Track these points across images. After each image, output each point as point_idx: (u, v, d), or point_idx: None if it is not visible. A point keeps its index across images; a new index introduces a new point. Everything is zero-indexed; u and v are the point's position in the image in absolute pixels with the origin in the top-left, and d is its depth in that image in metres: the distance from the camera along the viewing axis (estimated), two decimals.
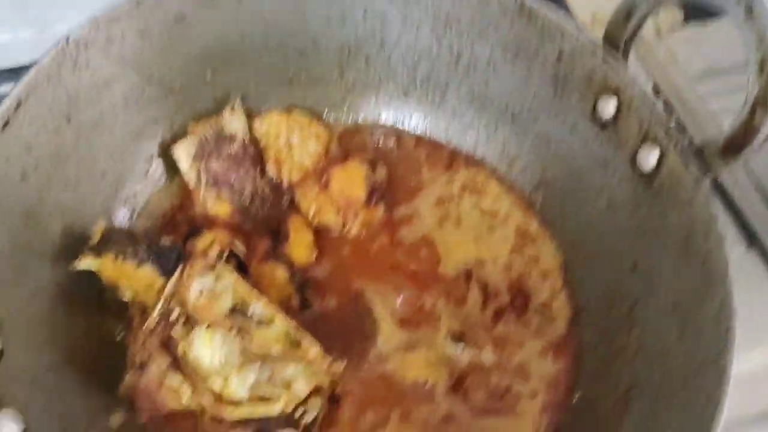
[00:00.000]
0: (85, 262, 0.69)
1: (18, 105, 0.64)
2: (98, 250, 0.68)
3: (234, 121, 0.79)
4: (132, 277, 0.69)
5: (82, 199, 0.72)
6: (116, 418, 0.68)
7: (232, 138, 0.79)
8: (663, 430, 0.60)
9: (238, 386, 0.67)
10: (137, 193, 0.78)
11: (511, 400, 0.71)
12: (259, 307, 0.66)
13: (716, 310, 0.60)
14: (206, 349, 0.67)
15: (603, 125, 0.73)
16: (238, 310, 0.65)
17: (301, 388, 0.66)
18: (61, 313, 0.68)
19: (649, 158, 0.69)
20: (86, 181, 0.73)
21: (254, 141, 0.80)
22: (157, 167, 0.79)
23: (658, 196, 0.68)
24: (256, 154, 0.80)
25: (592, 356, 0.72)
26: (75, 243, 0.70)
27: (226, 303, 0.65)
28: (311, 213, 0.77)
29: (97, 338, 0.71)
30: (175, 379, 0.66)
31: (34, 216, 0.67)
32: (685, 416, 0.58)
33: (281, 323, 0.66)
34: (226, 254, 0.68)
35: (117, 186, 0.76)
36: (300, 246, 0.76)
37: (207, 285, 0.65)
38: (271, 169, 0.81)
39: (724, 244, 0.62)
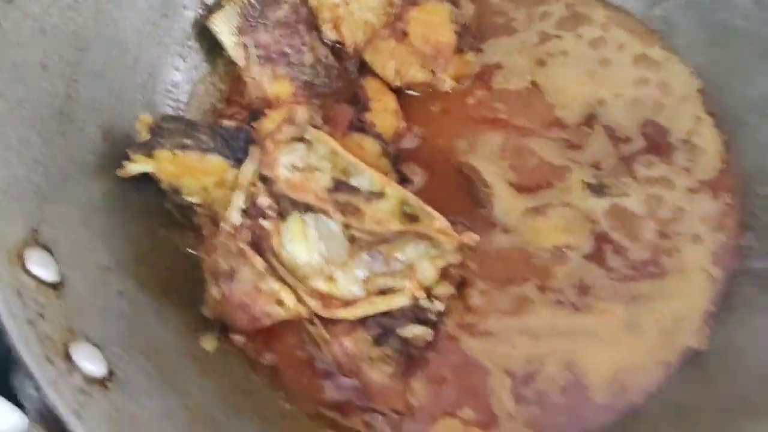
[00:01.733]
0: (137, 165, 0.56)
1: None
2: (150, 145, 0.55)
3: None
4: (197, 171, 0.56)
5: (117, 93, 0.59)
6: (209, 341, 0.56)
7: (279, 0, 0.65)
8: None
9: (348, 283, 0.55)
10: (178, 83, 0.65)
11: (671, 254, 0.59)
12: (365, 178, 0.53)
13: None
14: (300, 241, 0.55)
15: None
16: (341, 184, 0.52)
17: (428, 271, 0.54)
18: (119, 230, 0.56)
19: None
20: (117, 70, 0.59)
21: (305, 1, 0.66)
22: (197, 50, 0.66)
23: None
24: (309, 17, 0.66)
25: (762, 184, 0.59)
26: (120, 146, 0.58)
27: (325, 177, 0.53)
28: (391, 72, 0.64)
29: (167, 254, 0.59)
30: (273, 283, 0.54)
31: (66, 115, 0.54)
32: None
33: (396, 193, 0.53)
34: (316, 119, 0.54)
35: (154, 75, 0.63)
36: (384, 113, 0.63)
37: (299, 156, 0.52)
38: (329, 33, 0.67)
39: None
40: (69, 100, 0.55)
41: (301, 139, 0.53)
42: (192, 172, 0.56)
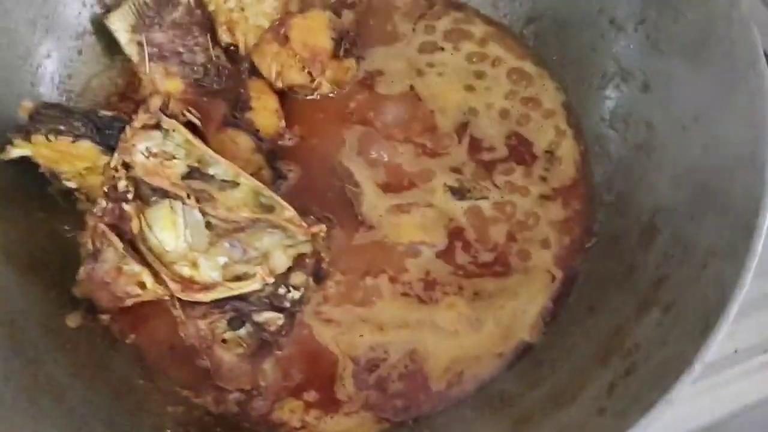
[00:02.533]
0: (16, 149, 0.59)
1: None
2: (27, 129, 0.59)
3: None
4: (71, 157, 0.59)
5: (5, 80, 0.63)
6: (73, 319, 0.59)
7: (174, 2, 0.69)
8: (695, 247, 0.51)
9: (209, 269, 0.58)
10: (73, 75, 0.68)
11: (519, 255, 0.62)
12: (220, 167, 0.57)
13: (746, 103, 0.51)
14: (169, 230, 0.58)
15: None
16: (196, 172, 0.56)
17: (280, 260, 0.58)
18: None
19: None
20: (6, 58, 0.63)
21: (201, 4, 0.70)
22: (94, 45, 0.69)
23: None
24: (204, 19, 0.70)
25: (608, 193, 0.63)
26: (3, 130, 0.61)
27: (180, 164, 0.56)
28: (273, 74, 0.67)
29: (44, 236, 0.62)
30: (134, 265, 0.57)
31: None
32: (722, 222, 0.49)
33: (247, 183, 0.57)
34: (171, 108, 0.58)
35: (47, 66, 0.66)
36: (264, 112, 0.66)
37: (155, 143, 0.56)
38: (224, 35, 0.71)
39: (750, 27, 0.52)
40: None
41: (159, 128, 0.56)
42: (67, 157, 0.60)
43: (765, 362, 0.69)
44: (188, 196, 0.56)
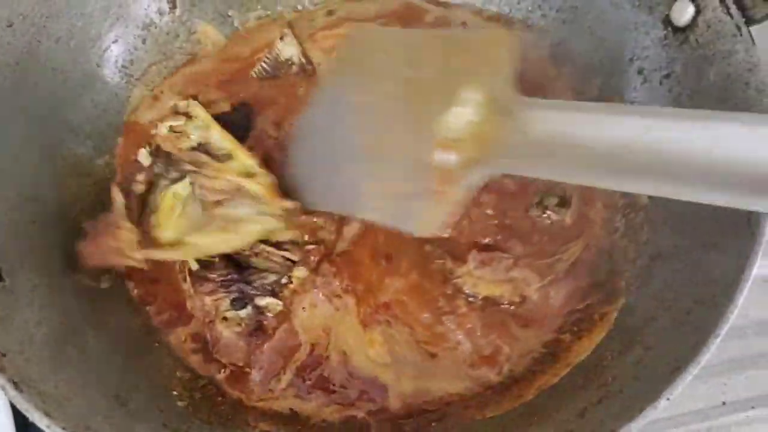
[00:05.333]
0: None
1: None
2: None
3: (287, 48, 0.75)
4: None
5: (75, 59, 0.69)
6: (106, 281, 0.65)
7: (289, 63, 0.75)
8: (685, 294, 0.54)
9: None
10: (134, 61, 0.74)
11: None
12: (223, 144, 0.64)
13: None
14: (167, 215, 0.63)
15: None
16: (202, 147, 0.63)
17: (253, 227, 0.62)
18: (50, 174, 0.65)
19: (684, 12, 0.62)
20: (79, 39, 0.69)
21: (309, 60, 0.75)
22: (157, 35, 0.75)
23: (694, 52, 0.61)
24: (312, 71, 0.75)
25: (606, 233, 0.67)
26: (67, 104, 0.68)
27: (191, 141, 0.63)
28: None
29: (89, 205, 0.67)
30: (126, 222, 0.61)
31: (21, 67, 0.64)
32: (711, 275, 0.52)
33: (243, 157, 0.63)
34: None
35: (113, 50, 0.72)
36: None
37: (178, 124, 0.64)
38: None
39: (766, 94, 0.55)
40: (28, 56, 0.64)
41: (188, 115, 0.64)
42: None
43: (752, 417, 0.71)
44: (187, 161, 0.62)
